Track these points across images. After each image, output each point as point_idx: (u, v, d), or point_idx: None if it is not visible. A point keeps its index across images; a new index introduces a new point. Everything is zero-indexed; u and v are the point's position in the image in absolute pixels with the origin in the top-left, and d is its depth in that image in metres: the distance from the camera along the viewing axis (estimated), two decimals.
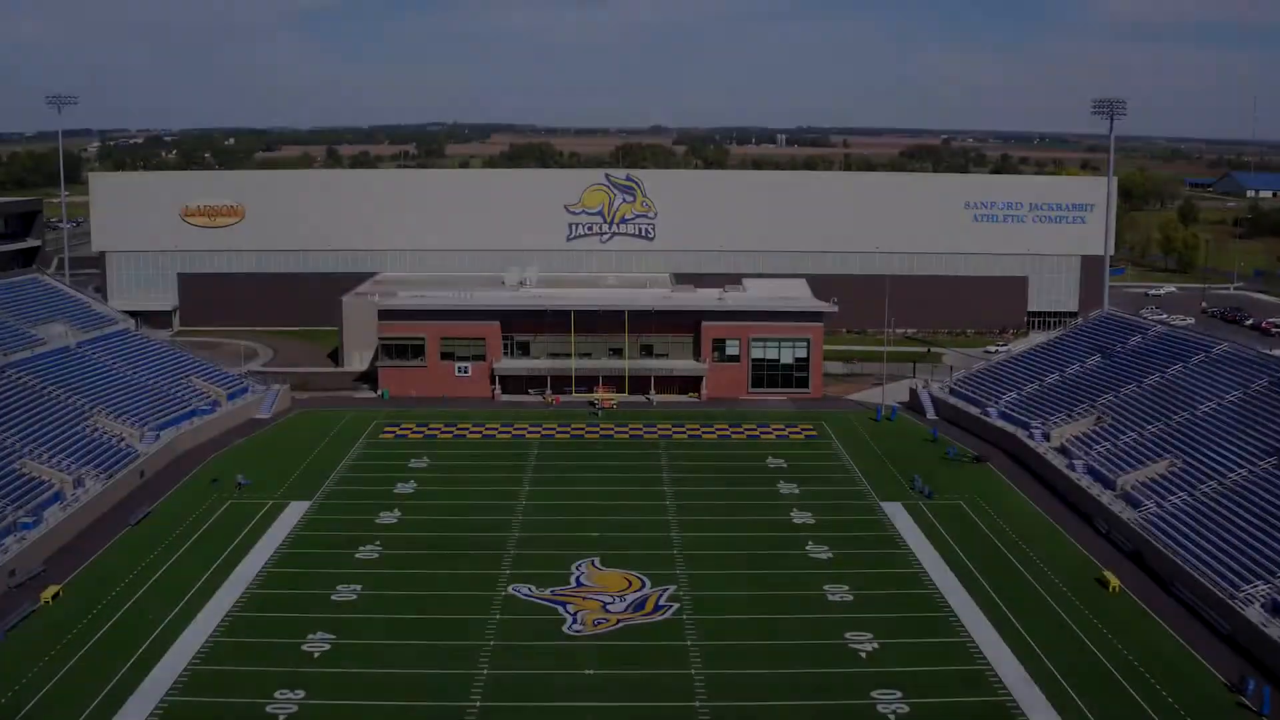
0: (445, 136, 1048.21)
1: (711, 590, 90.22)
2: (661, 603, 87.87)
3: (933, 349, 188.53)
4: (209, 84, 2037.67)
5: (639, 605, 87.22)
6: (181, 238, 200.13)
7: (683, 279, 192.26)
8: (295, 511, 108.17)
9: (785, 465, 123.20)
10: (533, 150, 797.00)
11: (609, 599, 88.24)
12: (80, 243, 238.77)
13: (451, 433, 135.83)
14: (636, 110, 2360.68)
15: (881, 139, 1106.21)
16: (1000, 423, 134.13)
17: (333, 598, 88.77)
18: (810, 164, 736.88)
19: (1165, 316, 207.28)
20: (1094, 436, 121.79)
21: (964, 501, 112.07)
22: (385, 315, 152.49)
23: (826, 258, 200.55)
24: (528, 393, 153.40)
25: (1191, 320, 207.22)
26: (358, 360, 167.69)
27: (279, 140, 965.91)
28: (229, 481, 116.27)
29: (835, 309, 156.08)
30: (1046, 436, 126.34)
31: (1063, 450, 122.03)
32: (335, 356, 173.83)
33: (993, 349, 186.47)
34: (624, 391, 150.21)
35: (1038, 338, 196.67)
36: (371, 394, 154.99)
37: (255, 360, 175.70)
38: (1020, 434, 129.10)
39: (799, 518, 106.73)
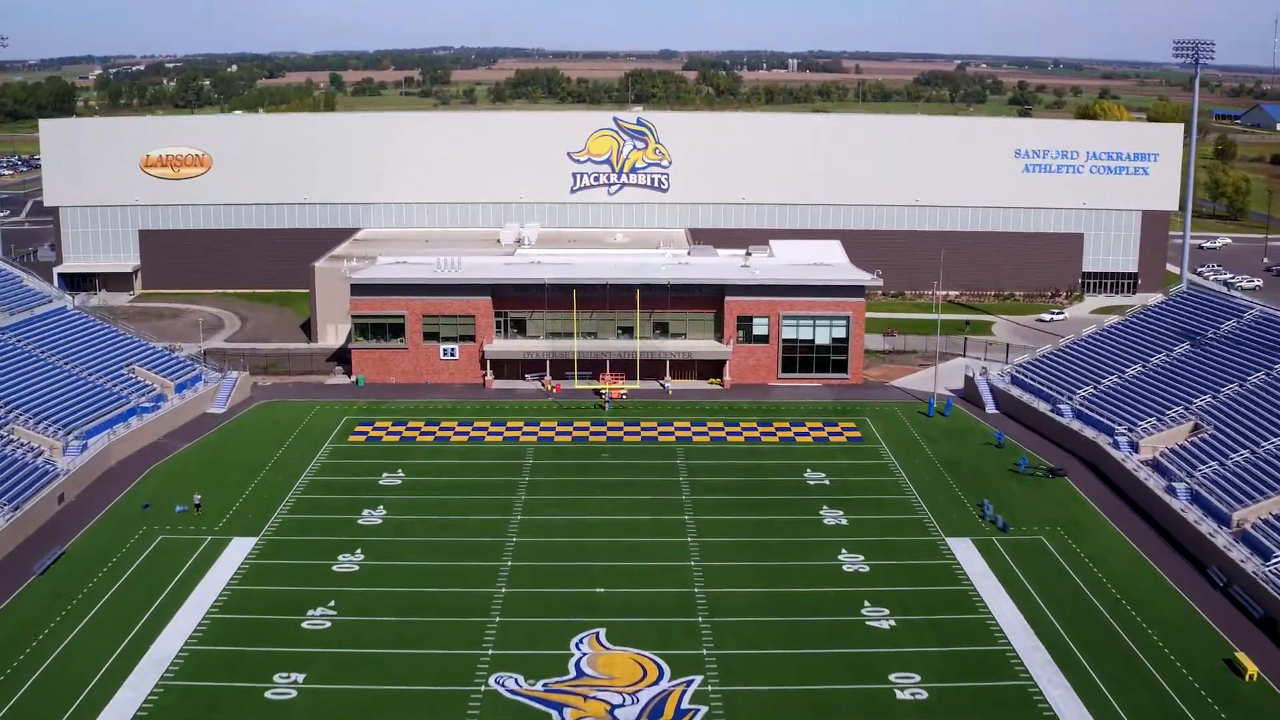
0: (451, 62, 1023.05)
1: (748, 682, 71.23)
2: (685, 704, 68.81)
3: (977, 318, 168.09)
4: (215, 7, 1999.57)
5: (656, 710, 68.11)
6: (142, 191, 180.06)
7: (700, 236, 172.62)
8: (237, 552, 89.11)
9: (828, 482, 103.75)
10: (539, 76, 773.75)
11: (618, 699, 69.11)
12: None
13: (433, 434, 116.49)
14: (645, 33, 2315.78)
15: (894, 64, 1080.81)
16: (1075, 424, 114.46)
17: (267, 694, 69.64)
18: (824, 90, 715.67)
19: (1230, 277, 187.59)
20: (1194, 451, 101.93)
21: (1045, 537, 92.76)
22: (359, 290, 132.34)
23: (860, 211, 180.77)
24: (524, 378, 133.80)
25: (1259, 283, 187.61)
26: (332, 335, 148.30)
27: (283, 66, 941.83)
28: (162, 506, 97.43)
29: (879, 281, 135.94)
30: (1134, 446, 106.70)
31: (1156, 466, 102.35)
32: (308, 328, 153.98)
33: (1047, 316, 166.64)
34: (635, 377, 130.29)
35: (1094, 302, 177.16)
36: (345, 379, 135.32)
37: (219, 333, 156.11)
38: (1101, 441, 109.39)
39: (850, 563, 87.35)
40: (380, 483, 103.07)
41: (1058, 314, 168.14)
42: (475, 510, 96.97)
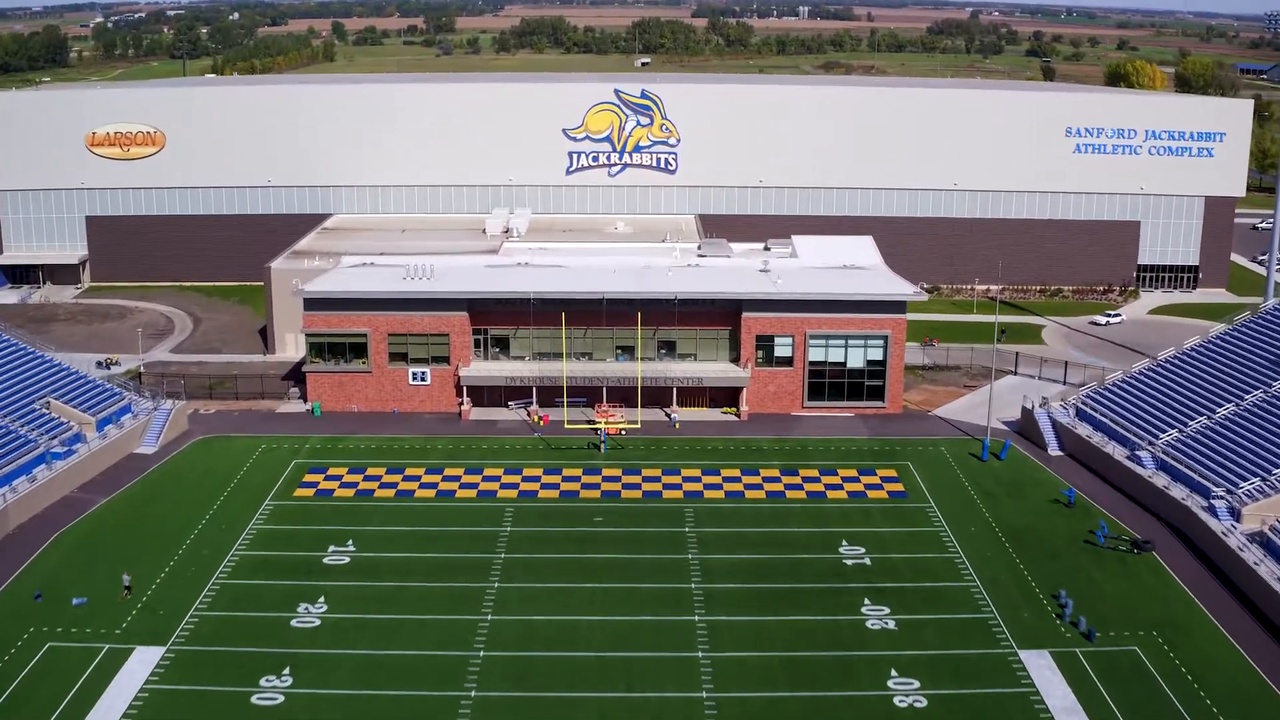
0: (457, 8, 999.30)
1: None
2: None
3: (1023, 320, 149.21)
4: None
5: None
6: (89, 172, 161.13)
7: (711, 223, 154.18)
8: (137, 669, 71.65)
9: (868, 562, 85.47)
10: (545, 25, 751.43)
11: None
12: None
13: (395, 485, 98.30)
14: None
15: (906, 10, 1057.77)
16: (1159, 478, 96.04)
17: None
18: (837, 40, 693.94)
19: None
20: None
21: (1139, 646, 74.72)
22: (313, 304, 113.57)
23: (892, 196, 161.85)
24: (507, 406, 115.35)
25: None
26: (292, 346, 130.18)
27: (286, 13, 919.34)
28: (60, 593, 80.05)
29: (923, 296, 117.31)
30: (1235, 514, 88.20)
31: (1265, 545, 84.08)
32: (266, 335, 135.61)
33: (1102, 319, 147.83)
34: (636, 404, 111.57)
35: (1151, 299, 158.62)
36: (301, 404, 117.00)
37: (165, 340, 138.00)
38: (1193, 503, 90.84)
39: (903, 693, 69.53)
40: (325, 561, 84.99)
41: (1114, 316, 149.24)
42: (436, 605, 78.90)
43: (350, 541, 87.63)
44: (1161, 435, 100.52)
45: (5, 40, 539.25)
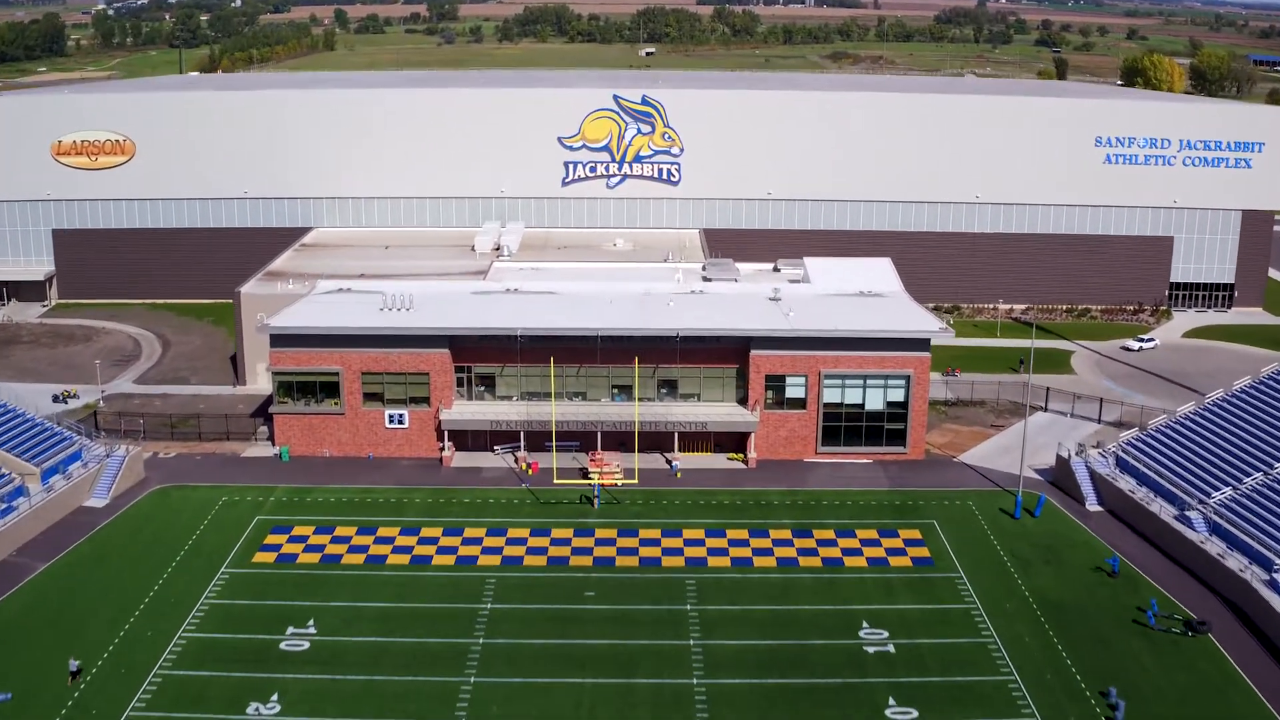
0: None
1: None
2: None
3: (1049, 345, 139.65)
4: None
5: None
6: (55, 183, 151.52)
7: (717, 238, 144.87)
8: None
9: (891, 649, 75.98)
10: (549, 13, 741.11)
11: None
12: None
13: (365, 548, 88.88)
14: None
15: None
16: (1213, 544, 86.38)
17: None
18: (845, 29, 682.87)
19: None
20: None
21: None
22: (280, 340, 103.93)
23: (909, 209, 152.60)
24: (493, 450, 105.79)
25: None
26: (264, 378, 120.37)
27: (290, 1, 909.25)
28: None
29: (950, 331, 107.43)
30: None
31: None
32: (236, 364, 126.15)
33: (1134, 345, 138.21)
34: (634, 449, 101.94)
35: (1185, 321, 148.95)
36: (270, 447, 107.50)
37: (130, 368, 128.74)
38: (1253, 575, 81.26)
39: None
40: (282, 647, 75.46)
41: (1147, 341, 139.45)
42: (403, 704, 69.70)
43: (311, 622, 78.24)
44: (1213, 493, 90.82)
45: (2, 30, 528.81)
